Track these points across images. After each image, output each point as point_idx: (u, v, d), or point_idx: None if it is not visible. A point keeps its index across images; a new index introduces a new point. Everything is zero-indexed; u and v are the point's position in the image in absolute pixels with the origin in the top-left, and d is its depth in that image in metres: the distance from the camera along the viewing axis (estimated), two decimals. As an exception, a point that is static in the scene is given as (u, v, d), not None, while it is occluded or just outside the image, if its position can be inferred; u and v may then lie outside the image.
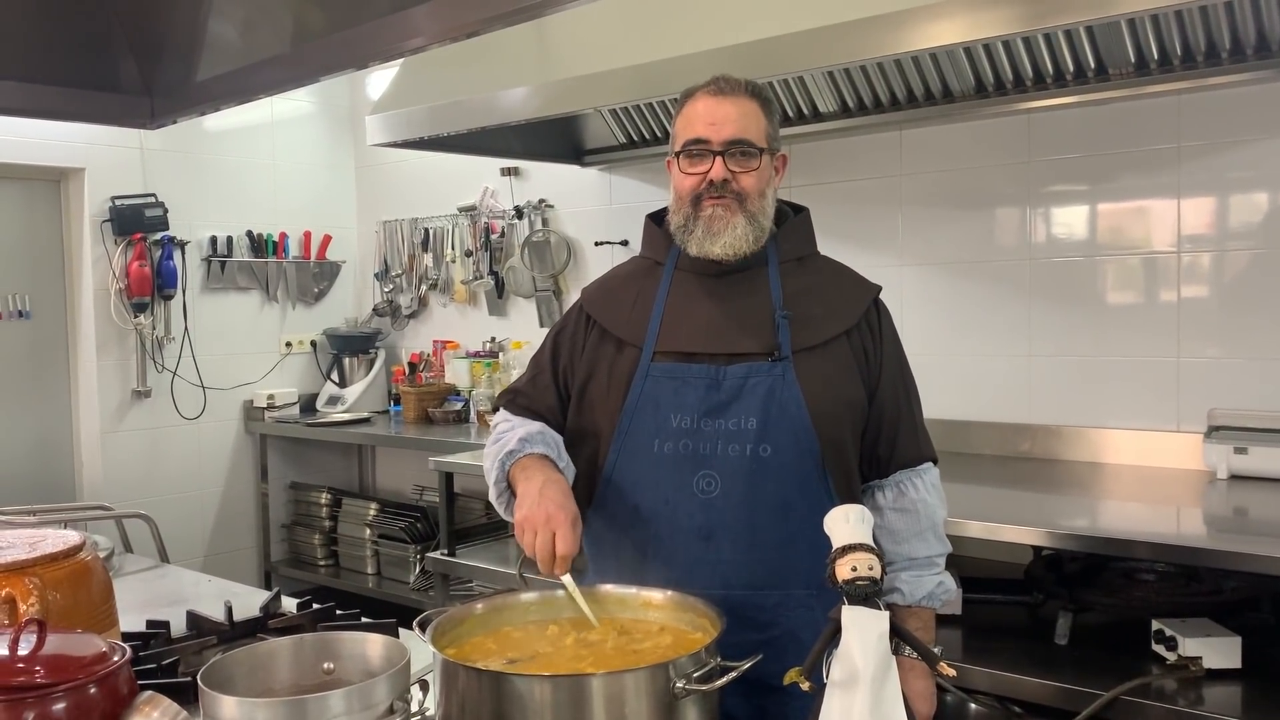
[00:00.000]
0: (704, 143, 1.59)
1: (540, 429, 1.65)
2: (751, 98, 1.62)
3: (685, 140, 1.61)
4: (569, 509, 1.47)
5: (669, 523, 1.57)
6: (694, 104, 1.63)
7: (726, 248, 1.59)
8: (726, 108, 1.59)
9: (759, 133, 1.61)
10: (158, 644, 1.70)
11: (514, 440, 1.60)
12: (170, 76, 2.06)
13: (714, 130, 1.58)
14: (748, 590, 1.55)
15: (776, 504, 1.54)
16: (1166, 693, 2.02)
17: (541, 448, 1.60)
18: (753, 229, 1.59)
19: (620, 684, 1.16)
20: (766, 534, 1.55)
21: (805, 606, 1.55)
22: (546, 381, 1.71)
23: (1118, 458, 2.88)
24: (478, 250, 4.45)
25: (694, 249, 1.61)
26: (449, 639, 1.32)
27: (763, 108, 1.63)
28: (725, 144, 1.58)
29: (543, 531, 1.43)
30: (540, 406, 1.70)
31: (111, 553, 2.34)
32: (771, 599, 1.56)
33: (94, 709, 1.14)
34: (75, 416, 4.29)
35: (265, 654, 1.17)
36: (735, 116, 1.59)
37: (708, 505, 1.55)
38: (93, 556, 1.53)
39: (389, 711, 1.00)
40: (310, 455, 4.84)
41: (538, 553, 1.43)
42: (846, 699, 1.09)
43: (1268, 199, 2.68)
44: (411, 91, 3.38)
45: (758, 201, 1.60)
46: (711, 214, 1.59)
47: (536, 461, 1.58)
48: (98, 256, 4.17)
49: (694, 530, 1.56)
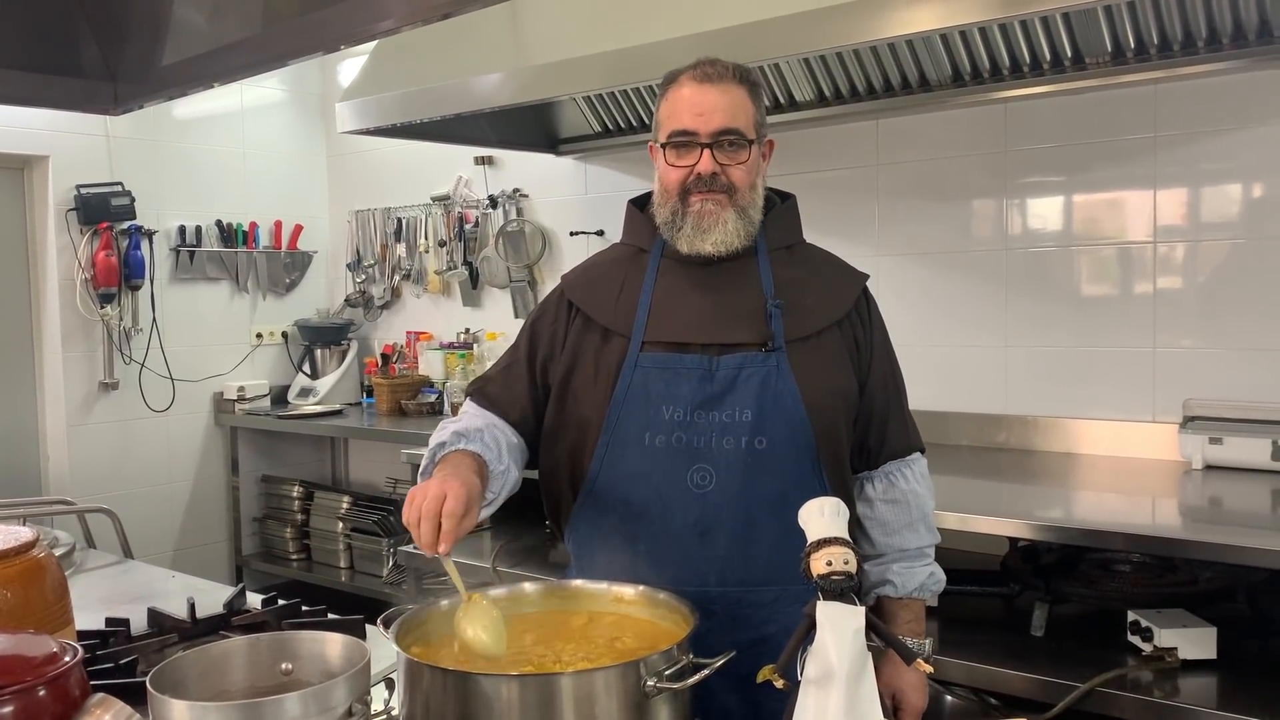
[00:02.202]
0: (691, 134, 1.52)
1: (484, 426, 1.55)
2: (739, 83, 1.54)
3: (671, 131, 1.54)
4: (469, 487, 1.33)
5: (662, 518, 1.52)
6: (679, 91, 1.54)
7: (718, 244, 1.54)
8: (714, 96, 1.51)
9: (748, 121, 1.53)
10: (116, 642, 1.66)
11: (449, 433, 1.52)
12: (134, 60, 2.00)
13: (701, 121, 1.51)
14: (744, 587, 1.52)
15: (773, 498, 1.51)
16: (1143, 684, 2.01)
17: (477, 445, 1.50)
18: (743, 223, 1.54)
19: (590, 682, 1.13)
20: (763, 529, 1.51)
21: (802, 602, 1.50)
22: (520, 371, 1.64)
23: (1093, 448, 2.88)
24: (451, 240, 4.40)
25: (684, 246, 1.56)
26: (413, 637, 1.28)
27: (750, 93, 1.55)
28: (713, 135, 1.52)
29: (433, 490, 1.28)
30: (509, 397, 1.63)
31: (73, 548, 2.28)
32: (768, 595, 1.53)
33: (43, 712, 1.10)
34: (40, 409, 4.20)
35: (220, 655, 1.13)
36: (723, 105, 1.51)
37: (703, 500, 1.51)
38: (46, 554, 1.49)
39: (348, 714, 0.97)
40: (282, 448, 4.78)
41: (423, 511, 1.27)
42: (822, 697, 1.06)
43: (1243, 189, 2.68)
44: (383, 78, 3.33)
45: (748, 194, 1.55)
46: (701, 209, 1.53)
47: (464, 458, 1.46)
48: (63, 246, 4.09)
49: (689, 526, 1.51)
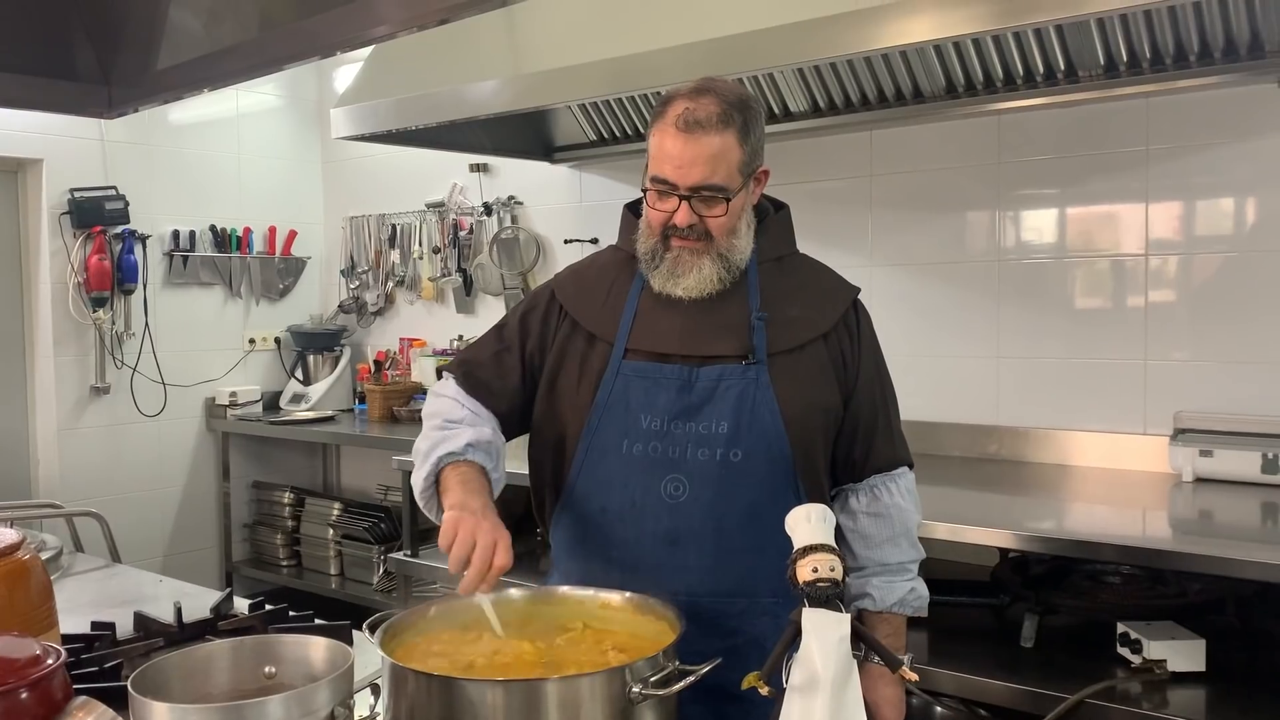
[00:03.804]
0: (670, 184, 1.51)
1: (489, 438, 1.56)
2: (725, 129, 1.48)
3: (652, 175, 1.53)
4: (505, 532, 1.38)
5: (635, 526, 1.53)
6: (662, 137, 1.51)
7: (689, 290, 1.54)
8: (694, 149, 1.48)
9: (730, 171, 1.50)
10: (102, 646, 1.64)
11: (460, 442, 1.52)
12: (129, 65, 2.00)
13: (680, 174, 1.49)
14: (713, 597, 1.52)
15: (745, 510, 1.51)
16: (1131, 696, 2.01)
17: (483, 457, 1.53)
18: (720, 267, 1.54)
19: (575, 689, 1.12)
20: (734, 540, 1.51)
21: (771, 614, 1.51)
22: (513, 363, 1.63)
23: (1084, 460, 2.88)
24: (446, 247, 4.40)
25: (657, 285, 1.56)
26: (398, 642, 1.28)
27: (739, 134, 1.50)
28: (691, 189, 1.50)
29: (483, 539, 1.33)
30: (500, 388, 1.63)
31: (60, 552, 2.27)
32: (737, 606, 1.53)
33: (25, 715, 1.10)
34: (31, 413, 4.19)
35: (203, 658, 1.12)
36: (704, 159, 1.48)
37: (675, 510, 1.51)
38: (31, 556, 1.48)
39: (330, 718, 0.96)
40: (273, 454, 4.77)
41: (474, 560, 1.32)
42: (807, 704, 1.06)
43: (1234, 203, 2.69)
44: (378, 84, 3.33)
45: (727, 240, 1.54)
46: (677, 255, 1.54)
47: (476, 473, 1.50)
48: (56, 249, 4.08)
49: (660, 535, 1.52)
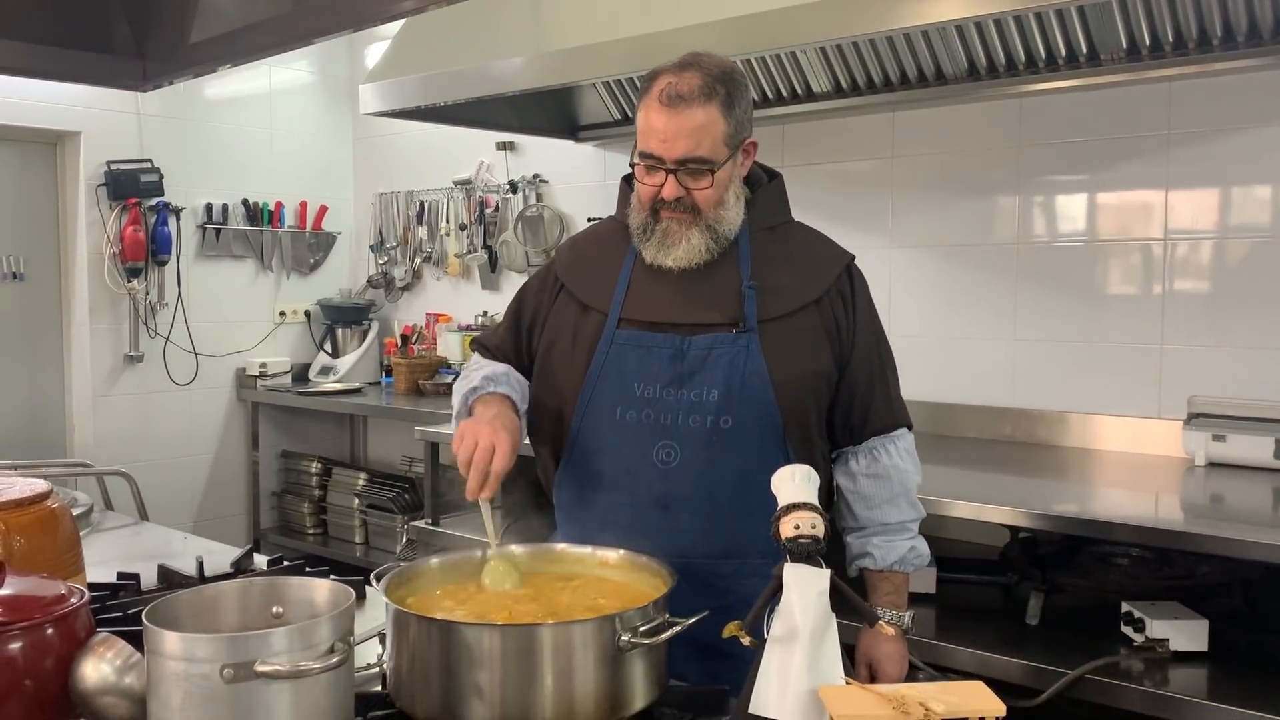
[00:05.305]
0: (656, 158, 1.55)
1: (506, 370, 1.68)
2: (708, 102, 1.51)
3: (639, 150, 1.57)
4: (514, 435, 1.50)
5: (629, 491, 1.58)
6: (647, 112, 1.55)
7: (679, 260, 1.58)
8: (678, 122, 1.51)
9: (715, 144, 1.53)
10: (126, 594, 1.72)
11: (478, 377, 1.63)
12: (163, 38, 2.05)
13: (665, 148, 1.53)
14: (705, 559, 1.56)
15: (736, 475, 1.55)
16: (1133, 673, 2.03)
17: (505, 388, 1.63)
18: (708, 238, 1.58)
19: (568, 635, 1.17)
20: (725, 505, 1.56)
21: (760, 575, 1.53)
22: (520, 331, 1.74)
23: (1099, 443, 2.88)
24: (472, 224, 4.45)
25: (649, 257, 1.60)
26: (404, 591, 1.33)
27: (723, 107, 1.53)
28: (677, 162, 1.53)
29: (484, 442, 1.44)
30: (510, 350, 1.74)
31: (90, 509, 2.35)
32: (728, 567, 1.57)
33: (50, 649, 1.15)
34: (67, 379, 4.30)
35: (213, 595, 1.18)
36: (687, 132, 1.51)
37: (667, 475, 1.56)
38: (59, 505, 1.54)
39: (329, 651, 1.01)
40: (301, 424, 4.85)
41: (474, 460, 1.43)
42: (785, 654, 1.10)
43: (1255, 189, 2.67)
44: (406, 60, 3.38)
45: (715, 211, 1.57)
46: (666, 228, 1.58)
47: (498, 399, 1.60)
48: (92, 220, 4.17)
49: (653, 499, 1.57)
